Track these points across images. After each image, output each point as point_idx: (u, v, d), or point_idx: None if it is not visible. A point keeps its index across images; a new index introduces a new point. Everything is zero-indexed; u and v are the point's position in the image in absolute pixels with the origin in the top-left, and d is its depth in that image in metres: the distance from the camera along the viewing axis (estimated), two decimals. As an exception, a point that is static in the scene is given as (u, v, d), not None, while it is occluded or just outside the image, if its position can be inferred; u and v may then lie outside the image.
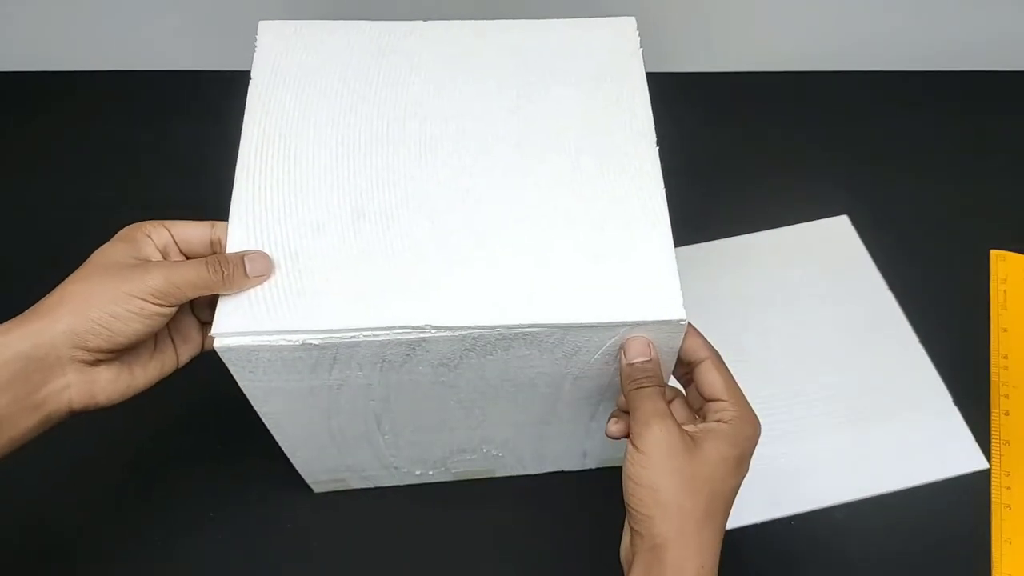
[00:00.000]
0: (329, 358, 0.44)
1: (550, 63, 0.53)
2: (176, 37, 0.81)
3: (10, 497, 0.55)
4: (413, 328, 0.43)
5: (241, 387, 0.46)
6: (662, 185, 0.48)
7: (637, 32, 0.55)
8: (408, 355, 0.44)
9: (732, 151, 0.79)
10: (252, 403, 0.47)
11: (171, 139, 0.79)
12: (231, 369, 0.44)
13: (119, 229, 0.46)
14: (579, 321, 0.43)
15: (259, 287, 0.44)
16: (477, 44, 0.54)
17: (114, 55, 0.83)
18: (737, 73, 0.85)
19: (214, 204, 0.48)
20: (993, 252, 0.72)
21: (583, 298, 0.44)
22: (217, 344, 0.42)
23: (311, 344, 0.43)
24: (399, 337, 0.43)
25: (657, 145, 0.50)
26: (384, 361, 0.45)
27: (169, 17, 0.79)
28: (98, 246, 0.45)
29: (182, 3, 0.77)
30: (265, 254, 0.44)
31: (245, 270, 0.43)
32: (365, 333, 0.43)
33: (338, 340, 0.43)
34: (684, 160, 0.76)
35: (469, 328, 0.43)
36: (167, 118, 0.80)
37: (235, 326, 0.42)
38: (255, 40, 0.53)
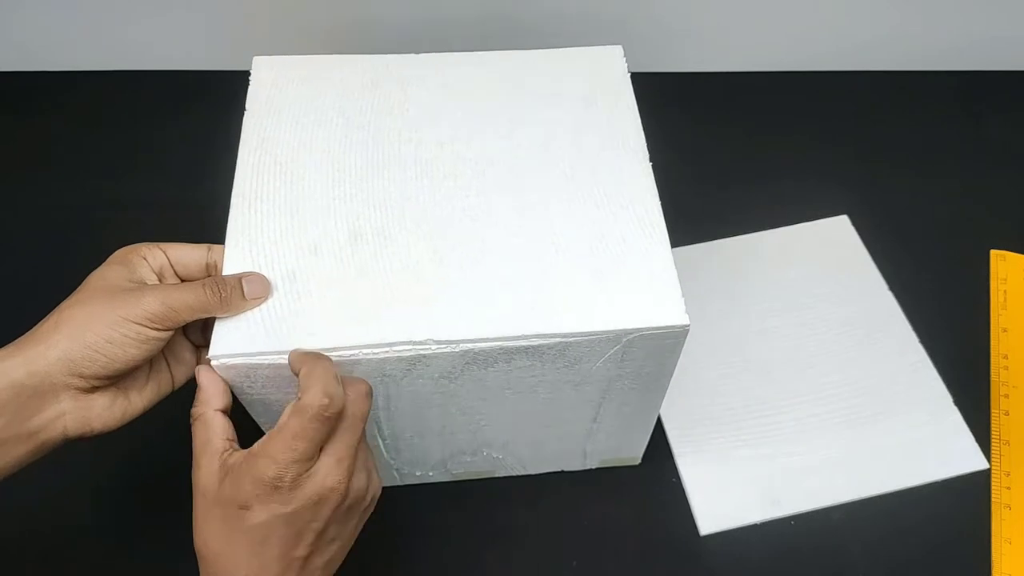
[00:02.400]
0: (329, 375, 0.44)
1: (541, 89, 0.54)
2: (176, 37, 0.81)
3: (7, 508, 0.55)
4: (413, 344, 0.43)
5: (239, 399, 0.45)
6: (657, 197, 0.48)
7: (624, 59, 0.55)
8: (408, 370, 0.44)
9: (732, 151, 0.79)
10: (250, 413, 0.47)
11: (171, 139, 0.79)
12: (230, 385, 0.44)
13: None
14: (582, 331, 0.43)
15: (256, 308, 0.43)
16: (469, 74, 0.54)
17: (114, 55, 0.83)
18: (737, 73, 0.85)
19: (214, 205, 0.48)
20: (993, 252, 0.72)
21: (585, 309, 0.44)
22: (216, 363, 0.42)
23: None
24: (399, 353, 0.43)
25: (651, 150, 0.50)
26: (384, 375, 0.45)
27: (169, 17, 0.79)
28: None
29: (183, 3, 0.77)
30: (263, 276, 0.44)
31: (243, 292, 0.43)
32: (364, 351, 0.43)
33: (338, 358, 0.43)
34: (684, 160, 0.76)
35: (470, 342, 0.43)
36: (167, 118, 0.80)
37: (233, 348, 0.42)
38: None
